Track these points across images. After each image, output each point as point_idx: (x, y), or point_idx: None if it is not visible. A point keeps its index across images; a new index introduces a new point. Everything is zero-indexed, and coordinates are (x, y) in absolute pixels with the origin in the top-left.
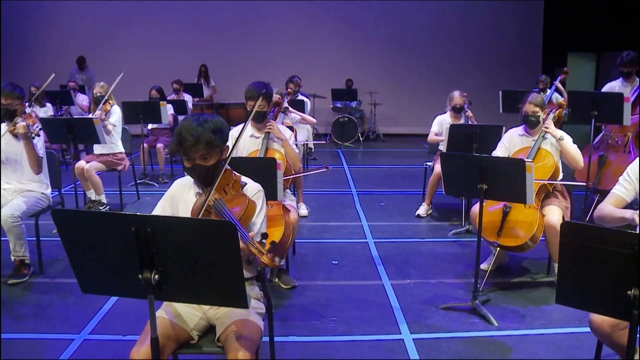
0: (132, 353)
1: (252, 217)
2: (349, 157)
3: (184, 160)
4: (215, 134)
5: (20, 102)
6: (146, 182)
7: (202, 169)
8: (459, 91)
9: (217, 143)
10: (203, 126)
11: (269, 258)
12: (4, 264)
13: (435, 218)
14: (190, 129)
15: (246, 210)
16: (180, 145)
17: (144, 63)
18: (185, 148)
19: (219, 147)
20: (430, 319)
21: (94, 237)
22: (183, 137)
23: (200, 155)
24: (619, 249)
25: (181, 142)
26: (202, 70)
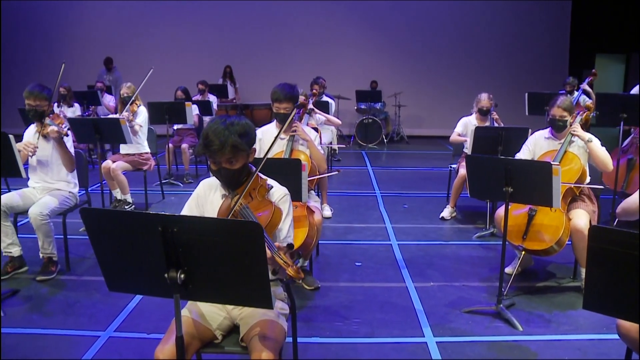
0: (156, 351)
1: (278, 225)
2: (372, 158)
3: (210, 163)
4: (242, 137)
5: (48, 103)
6: (171, 182)
7: (228, 173)
8: (486, 94)
9: (244, 147)
10: (230, 130)
11: (295, 270)
12: (33, 261)
13: (460, 221)
14: (216, 132)
15: (272, 218)
16: (207, 149)
17: (170, 64)
18: (212, 151)
19: (246, 151)
20: (453, 322)
21: (121, 236)
22: (209, 140)
23: (226, 158)
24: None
25: (207, 145)
26: (227, 71)
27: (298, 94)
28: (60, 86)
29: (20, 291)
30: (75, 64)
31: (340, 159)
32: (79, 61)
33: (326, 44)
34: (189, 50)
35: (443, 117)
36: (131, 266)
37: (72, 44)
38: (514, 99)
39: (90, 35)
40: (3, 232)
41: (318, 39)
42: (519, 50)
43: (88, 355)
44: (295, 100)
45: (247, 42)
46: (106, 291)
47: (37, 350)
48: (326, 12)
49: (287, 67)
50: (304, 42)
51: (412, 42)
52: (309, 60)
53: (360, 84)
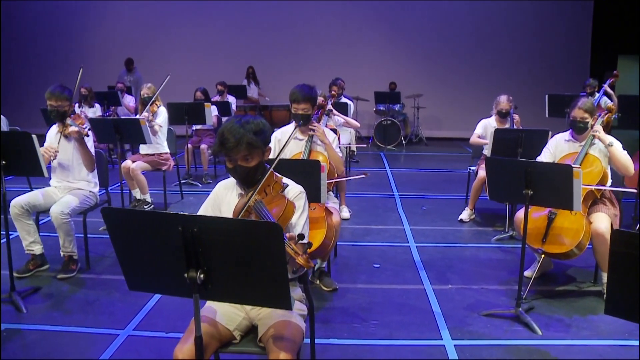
0: (175, 350)
1: (290, 219)
2: (391, 160)
3: (226, 161)
4: (257, 135)
5: (70, 104)
6: (190, 182)
7: (244, 170)
8: (506, 96)
9: (259, 144)
10: (245, 127)
11: (304, 259)
12: (54, 259)
13: (478, 223)
14: (232, 130)
15: (284, 211)
16: (222, 146)
17: (189, 64)
18: (227, 149)
19: (261, 148)
20: (472, 325)
21: (141, 235)
22: (225, 138)
23: (241, 156)
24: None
25: (223, 143)
26: (250, 72)
27: (317, 95)
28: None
29: (42, 289)
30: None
31: (359, 160)
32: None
33: (345, 45)
34: (209, 51)
35: (462, 119)
36: (151, 266)
37: (92, 45)
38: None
39: (111, 36)
40: (25, 231)
41: (337, 40)
42: (539, 51)
43: (107, 354)
44: (314, 101)
45: (266, 43)
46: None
47: (58, 347)
48: (346, 13)
49: (306, 68)
50: (324, 43)
51: (432, 44)
52: (327, 62)
53: (379, 85)
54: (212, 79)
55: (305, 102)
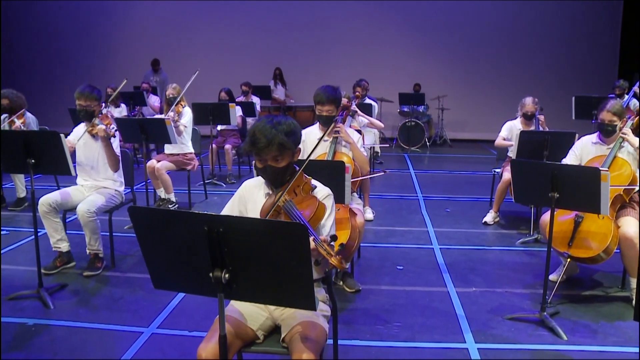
0: (199, 349)
1: (321, 219)
2: (415, 161)
3: (255, 161)
4: (288, 136)
5: (98, 104)
6: (214, 182)
7: (274, 170)
8: (531, 98)
9: (290, 145)
10: (276, 128)
11: (338, 260)
12: (80, 257)
13: (503, 226)
14: (263, 130)
15: (316, 212)
16: (253, 146)
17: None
18: (258, 149)
19: (291, 149)
20: (495, 328)
21: (167, 234)
22: (256, 138)
23: (272, 156)
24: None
25: (254, 143)
26: (277, 73)
27: (341, 96)
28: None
29: (68, 285)
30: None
31: (383, 161)
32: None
33: (370, 46)
34: (235, 52)
35: (487, 120)
36: (177, 264)
37: (119, 45)
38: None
39: (137, 36)
40: (53, 228)
41: (362, 41)
42: (565, 52)
43: (131, 351)
44: (338, 102)
45: (291, 44)
46: (150, 288)
47: (84, 343)
48: (371, 14)
49: (330, 69)
50: (348, 44)
51: (457, 45)
52: (352, 62)
53: (403, 86)
54: (237, 80)
55: (330, 104)
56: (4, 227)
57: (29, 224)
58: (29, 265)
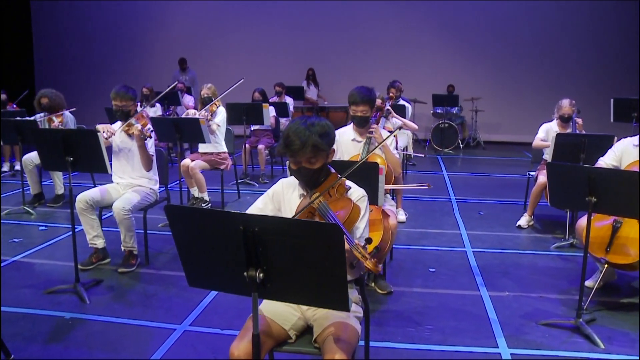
0: (231, 348)
1: (356, 221)
2: (448, 164)
3: (289, 162)
4: (322, 138)
5: (133, 103)
6: (247, 182)
7: (308, 172)
8: (568, 100)
9: (324, 147)
10: (310, 130)
11: (373, 263)
12: (115, 253)
13: (537, 230)
14: (297, 132)
15: (351, 214)
16: (287, 148)
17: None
18: (292, 151)
19: (325, 151)
20: (529, 334)
21: (203, 233)
22: (290, 140)
23: (306, 158)
24: None
25: (288, 144)
26: (310, 73)
27: (375, 97)
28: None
29: (103, 281)
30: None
31: (416, 163)
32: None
33: (403, 47)
34: (268, 52)
35: (521, 123)
36: (211, 263)
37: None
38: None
39: (171, 37)
40: (89, 225)
41: (395, 42)
42: (603, 52)
43: (164, 347)
44: (373, 103)
45: (324, 45)
46: (182, 286)
47: (119, 339)
48: (405, 15)
49: (363, 70)
50: (382, 45)
51: (491, 46)
52: (385, 63)
53: (436, 87)
54: (270, 80)
55: (364, 104)
56: (43, 222)
57: (67, 220)
58: (66, 261)
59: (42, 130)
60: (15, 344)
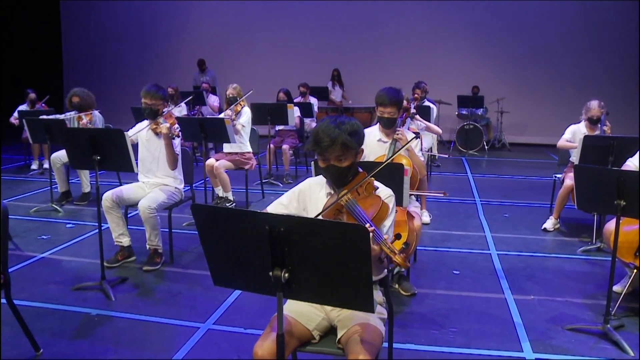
0: (255, 347)
1: (384, 219)
2: (473, 165)
3: (318, 160)
4: (352, 136)
5: (162, 103)
6: (271, 182)
7: (336, 170)
8: (597, 101)
9: (353, 145)
10: (340, 128)
11: (402, 258)
12: (140, 251)
13: (563, 233)
14: (327, 130)
15: (379, 211)
16: (317, 145)
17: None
18: (322, 148)
19: (355, 149)
20: (555, 339)
21: (229, 232)
22: (320, 137)
23: (335, 156)
24: None
25: (318, 142)
26: (335, 74)
27: (403, 98)
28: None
29: (129, 279)
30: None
31: (440, 164)
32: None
33: (428, 48)
34: (293, 53)
35: (548, 124)
36: (237, 262)
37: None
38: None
39: (195, 37)
40: (115, 223)
41: (420, 43)
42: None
43: (188, 345)
44: (400, 104)
45: (349, 46)
46: (207, 284)
47: (144, 336)
48: (429, 15)
49: (387, 71)
50: (406, 46)
51: (517, 46)
52: (409, 64)
53: (461, 89)
54: (295, 80)
55: (392, 106)
56: (70, 220)
57: (93, 218)
58: (93, 258)
59: (70, 129)
60: (44, 338)
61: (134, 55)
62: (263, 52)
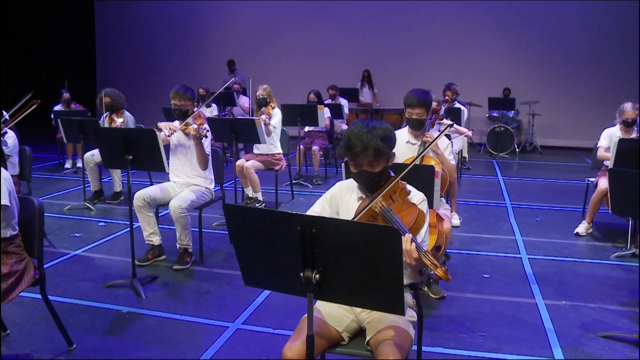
0: (285, 349)
1: (421, 228)
2: (503, 168)
3: (350, 166)
4: (384, 141)
5: (191, 103)
6: (300, 183)
7: (369, 175)
8: (631, 103)
9: (386, 151)
10: (372, 133)
11: (443, 271)
12: (170, 250)
13: (597, 238)
14: (359, 135)
15: (417, 220)
16: (349, 151)
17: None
18: (354, 154)
19: (387, 154)
20: (587, 346)
21: (260, 233)
22: (352, 143)
23: (367, 162)
24: None
25: (350, 148)
26: (365, 75)
27: (431, 99)
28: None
29: (159, 277)
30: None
31: (471, 167)
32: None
33: (458, 49)
34: (323, 54)
35: (581, 127)
36: (268, 263)
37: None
38: None
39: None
40: (146, 222)
41: (450, 44)
42: None
43: (217, 344)
44: (429, 106)
45: (380, 47)
46: (236, 284)
47: (173, 334)
48: (460, 16)
49: (418, 72)
50: (436, 47)
51: (548, 48)
52: (439, 66)
53: (492, 90)
54: (324, 81)
55: (420, 107)
56: (102, 218)
57: (125, 217)
58: (124, 256)
59: (103, 129)
60: (77, 334)
61: (165, 55)
62: (293, 53)
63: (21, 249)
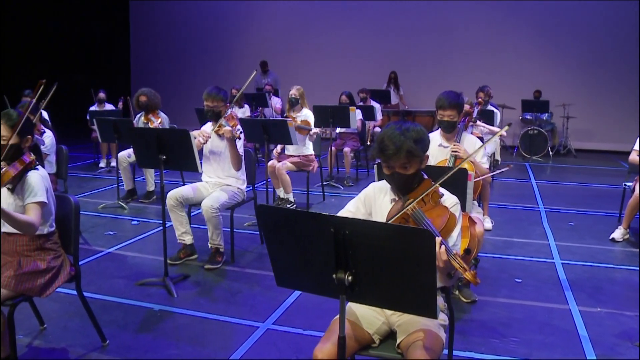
0: (316, 350)
1: (452, 230)
2: (537, 171)
3: (383, 167)
4: (417, 143)
5: (224, 104)
6: (332, 184)
7: (401, 177)
8: None
9: (418, 153)
10: (405, 135)
11: (472, 275)
12: (202, 250)
13: (633, 244)
14: (392, 137)
15: (447, 222)
16: (382, 153)
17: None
18: (387, 156)
19: (420, 157)
20: (624, 355)
21: (294, 234)
22: (385, 145)
23: (400, 164)
24: None
25: (383, 149)
26: (392, 77)
27: (463, 101)
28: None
29: (190, 276)
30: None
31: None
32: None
33: (490, 51)
34: (353, 55)
35: (617, 131)
36: (300, 264)
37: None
38: None
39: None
40: (178, 221)
41: (481, 45)
42: None
43: (247, 344)
44: (460, 108)
45: (410, 48)
46: (266, 284)
47: (204, 333)
48: (490, 17)
49: (450, 74)
50: (467, 48)
51: (583, 49)
52: (470, 67)
53: (525, 93)
54: (355, 83)
55: (452, 109)
56: (135, 217)
57: (157, 216)
58: (156, 255)
59: (138, 128)
60: (110, 330)
61: (199, 56)
62: (325, 55)
63: (58, 246)
